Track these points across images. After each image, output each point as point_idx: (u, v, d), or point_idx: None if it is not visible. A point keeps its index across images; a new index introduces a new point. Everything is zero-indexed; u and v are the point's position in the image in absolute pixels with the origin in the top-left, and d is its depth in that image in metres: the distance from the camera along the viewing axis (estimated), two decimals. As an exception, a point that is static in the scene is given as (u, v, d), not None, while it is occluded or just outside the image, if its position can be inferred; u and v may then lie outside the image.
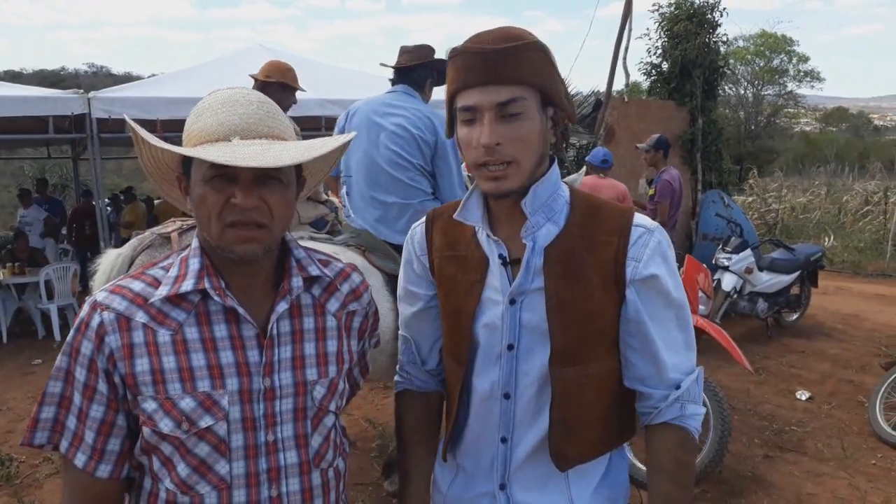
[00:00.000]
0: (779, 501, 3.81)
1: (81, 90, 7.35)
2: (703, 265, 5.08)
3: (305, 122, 6.93)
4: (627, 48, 8.35)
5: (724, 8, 9.02)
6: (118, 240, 10.18)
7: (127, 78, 50.39)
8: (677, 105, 8.99)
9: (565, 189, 1.33)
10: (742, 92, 28.69)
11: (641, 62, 9.61)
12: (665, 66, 9.26)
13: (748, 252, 6.76)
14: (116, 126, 7.38)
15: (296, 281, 1.23)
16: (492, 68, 1.18)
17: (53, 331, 7.74)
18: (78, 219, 10.59)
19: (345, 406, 1.37)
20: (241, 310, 1.16)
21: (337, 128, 3.44)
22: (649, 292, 1.26)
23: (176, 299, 1.15)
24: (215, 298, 1.15)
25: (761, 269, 6.85)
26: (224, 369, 1.14)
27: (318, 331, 1.25)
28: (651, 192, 6.57)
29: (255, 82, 3.86)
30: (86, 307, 1.16)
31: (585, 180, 5.77)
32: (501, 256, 1.31)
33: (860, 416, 4.98)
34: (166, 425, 1.11)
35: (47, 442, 1.16)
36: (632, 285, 1.26)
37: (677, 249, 7.33)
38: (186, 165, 1.16)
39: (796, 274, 7.08)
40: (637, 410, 1.36)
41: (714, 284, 6.22)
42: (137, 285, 1.17)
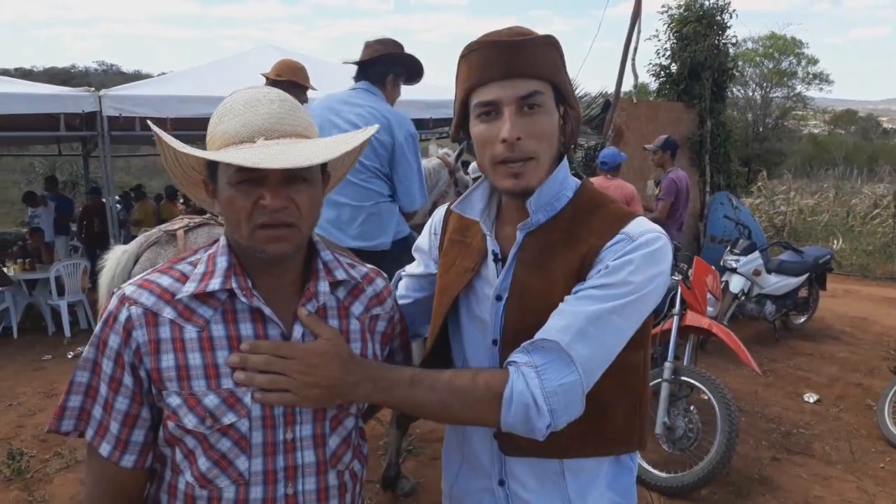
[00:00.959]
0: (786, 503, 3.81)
1: (93, 88, 7.39)
2: (712, 267, 5.07)
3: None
4: (636, 49, 8.35)
5: (734, 10, 9.00)
6: (128, 237, 10.24)
7: (137, 76, 50.55)
8: (686, 107, 8.97)
9: (573, 185, 1.33)
10: (750, 94, 28.56)
11: (650, 63, 9.60)
12: (674, 68, 9.24)
13: (756, 254, 6.75)
14: (126, 124, 7.42)
15: (322, 285, 1.23)
16: (511, 61, 1.18)
17: (63, 327, 7.78)
18: (88, 216, 10.65)
19: (375, 411, 1.37)
20: (268, 310, 1.17)
21: None
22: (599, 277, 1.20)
23: (203, 296, 1.16)
24: (242, 299, 1.16)
25: (769, 272, 6.83)
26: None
27: (342, 333, 1.25)
28: (657, 193, 6.57)
29: (266, 81, 3.88)
30: (114, 300, 1.16)
31: (593, 181, 5.76)
32: (494, 253, 1.33)
33: (868, 420, 4.97)
34: (190, 421, 1.13)
35: (73, 429, 1.18)
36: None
37: (685, 251, 7.32)
38: (212, 168, 1.17)
39: (804, 276, 7.07)
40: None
41: (721, 286, 6.21)
42: (166, 280, 1.18)
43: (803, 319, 7.48)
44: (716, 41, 8.92)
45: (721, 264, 6.67)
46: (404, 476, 3.82)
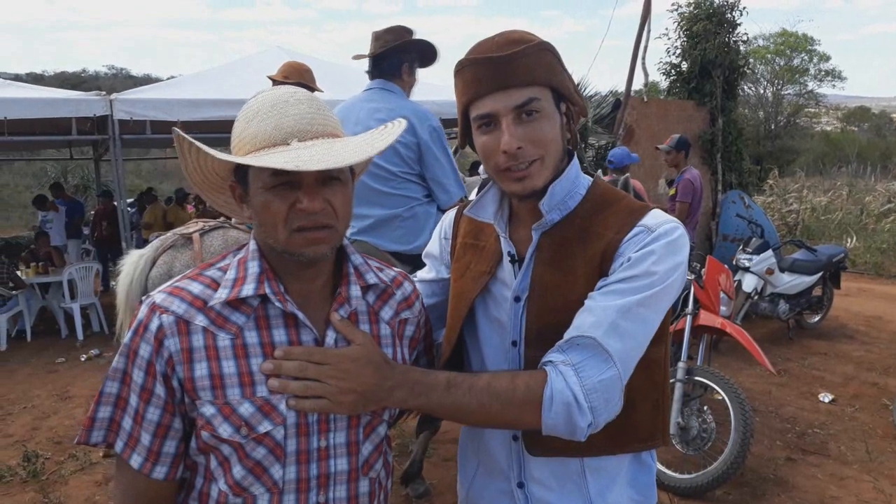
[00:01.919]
0: (802, 504, 3.77)
1: (104, 92, 7.45)
2: (725, 266, 5.04)
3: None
4: (647, 48, 8.32)
5: (744, 7, 8.95)
6: (139, 240, 10.30)
7: (146, 80, 50.95)
8: (697, 105, 8.92)
9: (585, 182, 1.33)
10: (762, 91, 28.41)
11: (661, 62, 9.56)
12: (684, 66, 9.19)
13: (769, 253, 6.70)
14: (137, 127, 7.48)
15: (354, 290, 1.22)
16: (502, 73, 1.19)
17: (76, 330, 7.85)
18: (100, 220, 10.72)
19: (402, 418, 1.35)
20: (301, 315, 1.15)
21: None
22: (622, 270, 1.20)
23: (235, 302, 1.14)
24: (276, 304, 1.14)
25: (783, 271, 6.78)
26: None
27: (373, 338, 1.24)
28: (672, 192, 6.53)
29: (273, 83, 3.88)
30: (144, 308, 1.14)
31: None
32: (510, 254, 1.33)
33: (884, 419, 4.91)
34: (225, 430, 1.10)
35: (103, 441, 1.16)
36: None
37: (697, 250, 7.26)
38: (241, 172, 1.15)
39: (818, 275, 7.02)
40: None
41: (734, 285, 6.17)
42: (196, 287, 1.15)
43: (817, 318, 7.42)
44: (726, 39, 8.87)
45: (734, 263, 6.63)
46: (421, 477, 3.80)
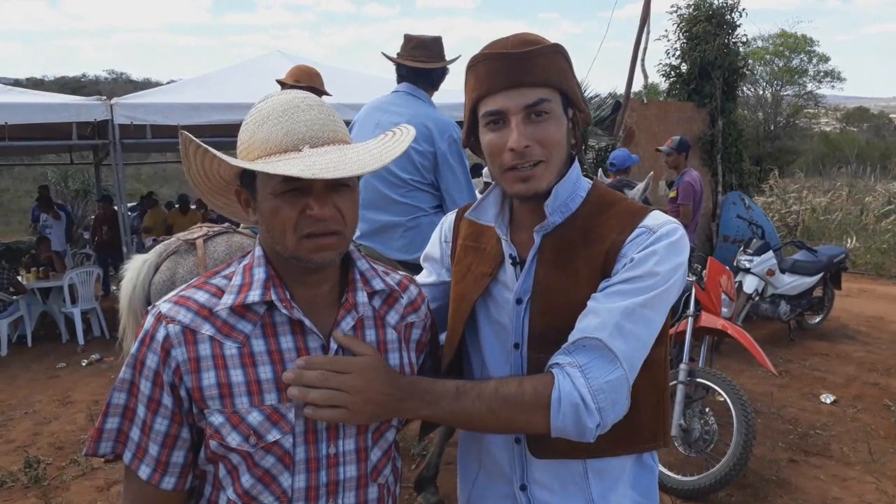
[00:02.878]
0: (805, 506, 3.76)
1: (104, 97, 7.45)
2: (726, 267, 5.04)
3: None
4: (646, 50, 8.34)
5: (744, 9, 8.98)
6: (139, 244, 10.29)
7: (146, 84, 51.02)
8: (697, 106, 8.94)
9: (585, 185, 1.34)
10: (761, 92, 28.44)
11: (660, 64, 9.60)
12: (684, 68, 9.22)
13: (770, 254, 6.69)
14: (137, 132, 7.47)
15: (361, 296, 1.22)
16: (517, 71, 1.19)
17: (77, 334, 7.84)
18: (101, 224, 10.72)
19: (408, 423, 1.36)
20: (308, 321, 1.15)
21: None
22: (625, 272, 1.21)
23: (241, 310, 1.13)
24: (282, 310, 1.14)
25: (783, 271, 6.78)
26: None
27: (380, 343, 1.24)
28: (672, 195, 6.53)
29: (283, 87, 3.88)
30: (150, 318, 1.13)
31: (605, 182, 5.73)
32: (512, 256, 1.33)
33: (887, 420, 4.91)
34: (234, 439, 1.10)
35: (111, 452, 1.15)
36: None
37: (698, 252, 7.25)
38: (247, 177, 1.14)
39: (819, 276, 7.01)
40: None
41: (735, 287, 6.17)
42: (202, 296, 1.15)
43: (818, 319, 7.41)
44: (726, 40, 8.90)
45: (734, 264, 6.63)
46: (435, 485, 3.63)
